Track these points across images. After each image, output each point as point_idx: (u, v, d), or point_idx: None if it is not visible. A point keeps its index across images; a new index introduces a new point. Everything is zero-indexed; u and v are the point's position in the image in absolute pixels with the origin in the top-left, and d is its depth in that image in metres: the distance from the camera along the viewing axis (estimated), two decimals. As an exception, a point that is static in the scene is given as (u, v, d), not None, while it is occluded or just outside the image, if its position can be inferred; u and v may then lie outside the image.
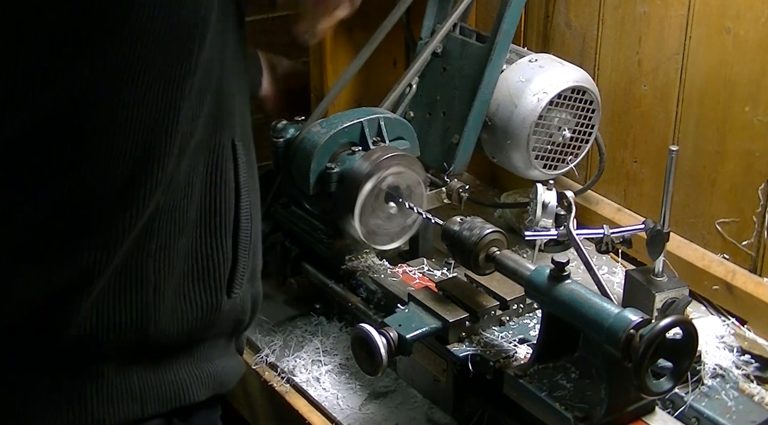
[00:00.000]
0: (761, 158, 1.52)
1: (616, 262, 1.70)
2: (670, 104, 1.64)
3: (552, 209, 1.57)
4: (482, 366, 1.29)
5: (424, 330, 1.30)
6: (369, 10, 1.93)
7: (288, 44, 2.16)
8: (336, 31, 1.94)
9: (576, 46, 1.79)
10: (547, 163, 1.65)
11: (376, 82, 1.96)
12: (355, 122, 1.52)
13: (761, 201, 1.53)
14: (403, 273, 1.52)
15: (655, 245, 1.44)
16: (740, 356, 1.38)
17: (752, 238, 1.56)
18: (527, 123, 1.60)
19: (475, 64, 1.66)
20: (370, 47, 1.65)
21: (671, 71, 1.62)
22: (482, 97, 1.63)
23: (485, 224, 1.31)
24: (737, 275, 1.57)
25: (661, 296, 1.43)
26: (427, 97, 1.73)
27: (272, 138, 1.57)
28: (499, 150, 1.67)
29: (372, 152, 1.48)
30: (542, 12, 1.84)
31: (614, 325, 1.09)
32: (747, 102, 1.52)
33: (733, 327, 1.52)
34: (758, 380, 1.33)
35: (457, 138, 1.66)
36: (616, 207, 1.79)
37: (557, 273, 1.18)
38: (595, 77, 1.71)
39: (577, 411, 1.15)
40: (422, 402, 1.41)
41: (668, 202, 1.42)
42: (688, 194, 1.63)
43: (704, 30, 1.56)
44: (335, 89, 1.68)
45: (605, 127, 1.73)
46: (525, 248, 1.70)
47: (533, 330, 1.33)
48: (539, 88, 1.60)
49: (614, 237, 1.48)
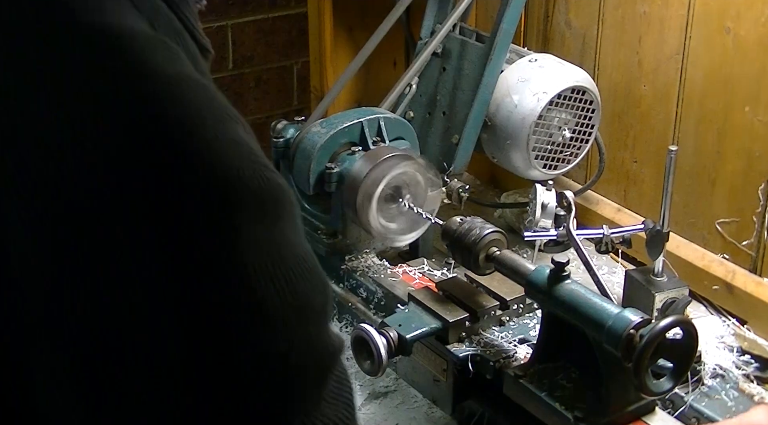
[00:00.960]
0: (761, 158, 1.52)
1: (616, 262, 1.69)
2: (670, 104, 1.64)
3: (552, 209, 1.57)
4: (482, 366, 1.29)
5: (424, 330, 1.30)
6: (369, 10, 1.94)
7: (288, 44, 2.16)
8: (336, 31, 1.94)
9: (576, 46, 1.79)
10: (547, 163, 1.65)
11: (376, 82, 1.96)
12: (355, 122, 1.52)
13: (761, 201, 1.53)
14: (403, 273, 1.52)
15: (655, 245, 1.44)
16: (740, 356, 1.38)
17: (752, 238, 1.56)
18: (527, 123, 1.60)
19: (475, 64, 1.66)
20: (370, 47, 1.65)
21: (671, 71, 1.62)
22: (482, 97, 1.63)
23: (485, 224, 1.31)
24: (737, 275, 1.57)
25: (661, 296, 1.43)
26: (427, 98, 1.73)
27: (272, 138, 1.57)
28: (499, 150, 1.67)
29: (372, 152, 1.48)
30: (542, 12, 1.84)
31: (614, 325, 1.09)
32: (747, 102, 1.51)
33: (733, 327, 1.52)
34: (758, 380, 1.33)
35: (457, 138, 1.66)
36: (616, 207, 1.79)
37: (557, 273, 1.18)
38: (595, 77, 1.71)
39: (577, 411, 1.15)
40: (422, 402, 1.41)
41: (668, 202, 1.42)
42: (688, 194, 1.63)
43: (704, 30, 1.56)
44: (335, 89, 1.68)
45: (605, 127, 1.72)
46: (525, 248, 1.71)
47: (533, 330, 1.33)
48: (539, 88, 1.60)
49: (614, 237, 1.48)
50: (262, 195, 0.61)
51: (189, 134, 0.59)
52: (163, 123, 0.59)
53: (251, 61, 2.15)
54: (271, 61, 2.18)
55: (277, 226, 0.62)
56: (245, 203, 0.60)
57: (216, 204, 0.59)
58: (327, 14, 1.92)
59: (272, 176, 0.62)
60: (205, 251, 0.59)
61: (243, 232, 0.60)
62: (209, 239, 0.59)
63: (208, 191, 0.59)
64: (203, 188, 0.59)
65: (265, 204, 0.61)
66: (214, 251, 0.59)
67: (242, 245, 0.60)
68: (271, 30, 2.15)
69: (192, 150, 0.59)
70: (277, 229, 0.62)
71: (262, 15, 2.13)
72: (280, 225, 0.62)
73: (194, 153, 0.59)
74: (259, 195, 0.60)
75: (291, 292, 0.62)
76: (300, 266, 0.63)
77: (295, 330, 0.62)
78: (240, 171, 0.60)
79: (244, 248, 0.60)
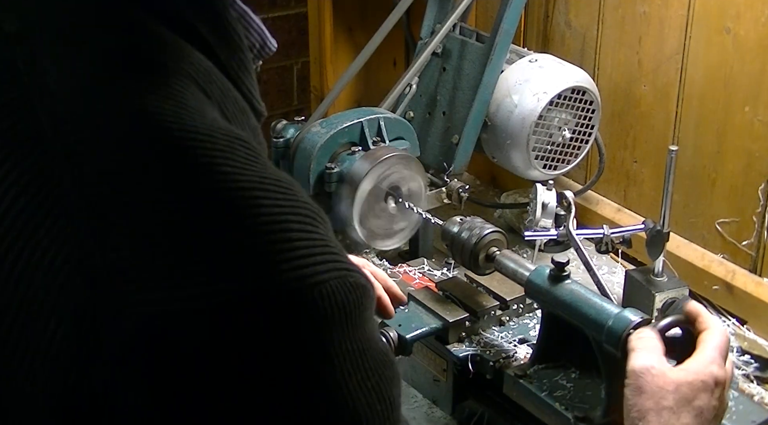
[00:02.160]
0: (761, 158, 1.52)
1: (616, 262, 1.69)
2: (670, 104, 1.64)
3: (552, 209, 1.57)
4: (482, 366, 1.29)
5: (424, 330, 1.30)
6: (369, 10, 1.94)
7: (288, 44, 2.16)
8: (336, 31, 1.94)
9: (576, 46, 1.79)
10: (547, 163, 1.65)
11: (376, 82, 1.96)
12: (355, 122, 1.52)
13: (761, 201, 1.53)
14: (403, 273, 1.52)
15: (655, 245, 1.44)
16: (740, 356, 1.38)
17: (752, 238, 1.56)
18: (527, 123, 1.60)
19: (475, 64, 1.66)
20: (370, 47, 1.65)
21: (671, 71, 1.62)
22: (482, 97, 1.63)
23: (485, 224, 1.31)
24: (737, 275, 1.57)
25: (661, 296, 1.43)
26: (427, 97, 1.73)
27: (272, 138, 1.57)
28: (499, 150, 1.67)
29: (372, 152, 1.48)
30: (542, 12, 1.84)
31: (614, 325, 1.09)
32: (747, 102, 1.51)
33: (733, 327, 1.52)
34: (758, 380, 1.33)
35: (457, 138, 1.66)
36: (616, 207, 1.79)
37: (557, 273, 1.18)
38: (595, 77, 1.71)
39: (577, 411, 1.15)
40: (422, 402, 1.41)
41: (668, 202, 1.42)
42: (688, 194, 1.63)
43: (704, 30, 1.56)
44: (335, 89, 1.68)
45: (605, 127, 1.72)
46: (525, 248, 1.71)
47: (533, 330, 1.33)
48: (539, 88, 1.60)
49: (614, 237, 1.48)
50: (347, 307, 0.59)
51: (272, 242, 0.57)
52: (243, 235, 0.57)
53: (251, 61, 2.15)
54: (271, 61, 2.18)
55: (361, 329, 0.61)
56: (335, 319, 0.58)
57: (305, 328, 0.57)
58: (327, 14, 1.92)
59: (355, 279, 0.60)
60: (302, 376, 0.58)
61: (334, 350, 0.58)
62: (304, 365, 0.58)
63: (297, 316, 0.57)
64: (291, 311, 0.57)
65: (352, 314, 0.59)
66: (311, 376, 0.58)
67: (337, 363, 0.59)
68: (271, 30, 2.15)
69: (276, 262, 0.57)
70: (360, 332, 0.61)
71: (262, 15, 2.13)
72: (363, 327, 0.61)
73: (279, 272, 0.57)
74: (344, 307, 0.59)
75: (380, 400, 0.61)
76: (383, 363, 0.62)
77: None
78: (326, 286, 0.58)
79: (339, 366, 0.59)
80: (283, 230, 0.57)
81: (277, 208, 0.58)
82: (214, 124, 0.60)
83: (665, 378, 0.97)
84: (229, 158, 0.58)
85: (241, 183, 0.58)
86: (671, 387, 0.96)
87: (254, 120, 0.69)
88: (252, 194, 0.58)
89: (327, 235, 0.60)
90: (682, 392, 0.96)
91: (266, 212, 0.57)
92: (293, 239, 0.57)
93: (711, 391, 0.97)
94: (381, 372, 0.62)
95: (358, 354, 0.60)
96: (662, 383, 0.96)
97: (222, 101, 0.64)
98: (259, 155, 0.61)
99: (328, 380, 0.58)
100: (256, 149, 0.61)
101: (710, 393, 0.97)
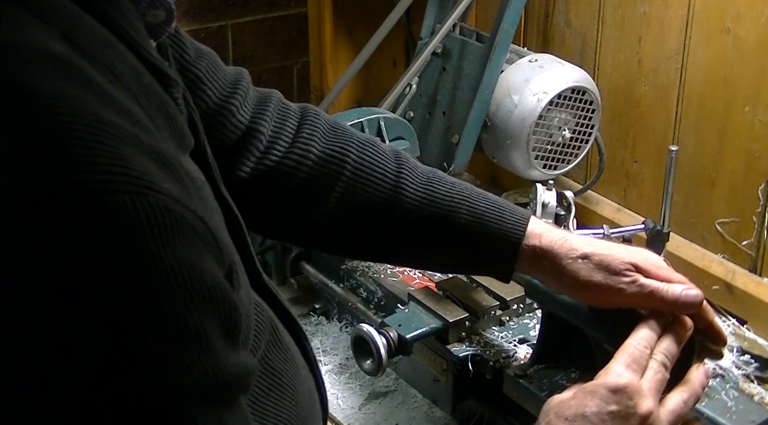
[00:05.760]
0: (761, 158, 1.52)
1: (616, 262, 1.69)
2: (670, 104, 1.64)
3: (552, 209, 1.57)
4: (482, 366, 1.29)
5: (424, 330, 1.30)
6: (369, 10, 1.94)
7: (288, 44, 2.16)
8: (336, 31, 1.94)
9: (576, 46, 1.79)
10: (547, 163, 1.65)
11: (376, 82, 1.96)
12: (355, 122, 1.52)
13: (761, 201, 1.53)
14: (403, 273, 1.52)
15: (655, 245, 1.44)
16: (740, 356, 1.38)
17: (752, 238, 1.56)
18: (527, 123, 1.60)
19: (475, 64, 1.66)
20: (370, 47, 1.66)
21: (671, 71, 1.62)
22: (482, 97, 1.63)
23: (485, 224, 1.31)
24: (737, 275, 1.57)
25: (661, 296, 1.43)
26: (427, 98, 1.73)
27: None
28: (499, 150, 1.67)
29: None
30: (542, 12, 1.84)
31: (614, 325, 1.09)
32: (747, 102, 1.51)
33: (733, 327, 1.52)
34: (758, 380, 1.33)
35: (457, 138, 1.66)
36: (616, 207, 1.79)
37: (557, 273, 1.17)
38: (595, 77, 1.71)
39: (577, 411, 1.15)
40: (422, 402, 1.41)
41: (668, 202, 1.42)
42: (688, 194, 1.63)
43: (704, 30, 1.56)
44: (335, 89, 1.68)
45: (605, 127, 1.73)
46: (525, 248, 1.70)
47: (533, 330, 1.33)
48: (539, 88, 1.60)
49: (614, 237, 1.48)
50: (138, 224, 0.59)
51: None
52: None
53: (251, 61, 2.15)
54: (271, 61, 2.18)
55: (165, 253, 0.61)
56: (123, 233, 0.59)
57: (82, 234, 0.58)
58: (327, 14, 1.92)
59: (158, 200, 0.60)
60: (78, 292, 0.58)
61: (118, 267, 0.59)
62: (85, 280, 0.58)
63: (74, 220, 0.58)
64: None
65: (147, 234, 0.59)
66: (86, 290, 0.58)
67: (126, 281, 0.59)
68: (271, 30, 2.15)
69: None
70: (163, 257, 0.61)
71: (262, 15, 2.13)
72: (166, 251, 0.61)
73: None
74: (137, 223, 0.59)
75: (182, 331, 0.61)
76: (191, 291, 0.62)
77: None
78: (111, 197, 0.58)
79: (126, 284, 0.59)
80: (67, 136, 0.58)
81: (67, 116, 0.59)
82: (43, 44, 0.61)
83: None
84: (31, 71, 0.59)
85: (39, 91, 0.58)
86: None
87: (138, 65, 0.68)
88: (50, 102, 0.59)
89: (134, 156, 0.60)
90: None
91: (53, 120, 0.58)
92: (75, 146, 0.58)
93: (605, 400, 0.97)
94: (182, 299, 0.61)
95: (155, 275, 0.59)
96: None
97: (68, 30, 0.64)
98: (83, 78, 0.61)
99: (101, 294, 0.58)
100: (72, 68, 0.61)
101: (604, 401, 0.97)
